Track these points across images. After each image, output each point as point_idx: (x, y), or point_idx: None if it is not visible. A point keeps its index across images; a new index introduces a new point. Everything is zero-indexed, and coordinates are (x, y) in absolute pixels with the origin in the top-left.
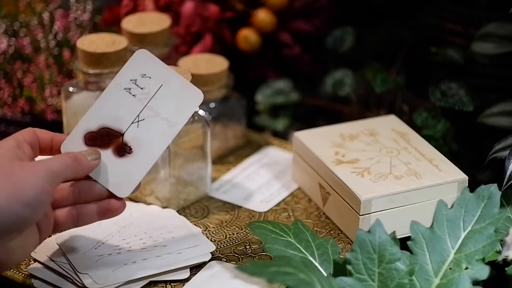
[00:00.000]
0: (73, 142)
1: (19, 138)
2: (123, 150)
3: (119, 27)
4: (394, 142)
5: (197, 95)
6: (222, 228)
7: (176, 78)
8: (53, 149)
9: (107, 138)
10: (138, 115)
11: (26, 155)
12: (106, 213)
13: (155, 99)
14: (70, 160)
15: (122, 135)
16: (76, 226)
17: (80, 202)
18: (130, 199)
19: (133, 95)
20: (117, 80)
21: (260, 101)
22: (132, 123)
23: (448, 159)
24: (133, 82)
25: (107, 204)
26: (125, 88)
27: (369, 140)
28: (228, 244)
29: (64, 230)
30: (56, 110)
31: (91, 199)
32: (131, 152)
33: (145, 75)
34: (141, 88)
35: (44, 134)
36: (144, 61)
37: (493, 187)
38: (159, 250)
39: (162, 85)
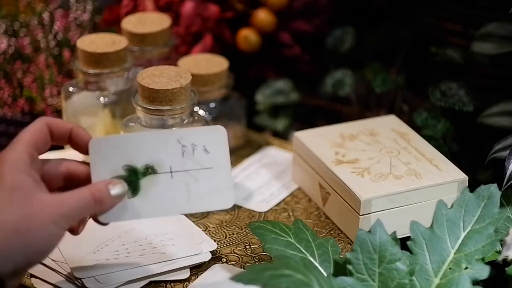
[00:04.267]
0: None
1: (31, 149)
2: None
3: (119, 27)
4: (394, 142)
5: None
6: (222, 228)
7: (226, 171)
8: (72, 142)
9: None
10: (171, 169)
11: (38, 169)
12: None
13: (195, 171)
14: (92, 202)
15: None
16: None
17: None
18: None
19: (182, 152)
20: (178, 134)
21: (260, 101)
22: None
23: (448, 159)
24: (192, 145)
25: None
26: (180, 143)
27: (369, 140)
28: (228, 244)
29: None
30: (56, 110)
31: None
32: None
33: (206, 150)
34: (193, 155)
35: (60, 128)
36: (218, 137)
37: (493, 187)
38: (157, 257)
39: (211, 168)
